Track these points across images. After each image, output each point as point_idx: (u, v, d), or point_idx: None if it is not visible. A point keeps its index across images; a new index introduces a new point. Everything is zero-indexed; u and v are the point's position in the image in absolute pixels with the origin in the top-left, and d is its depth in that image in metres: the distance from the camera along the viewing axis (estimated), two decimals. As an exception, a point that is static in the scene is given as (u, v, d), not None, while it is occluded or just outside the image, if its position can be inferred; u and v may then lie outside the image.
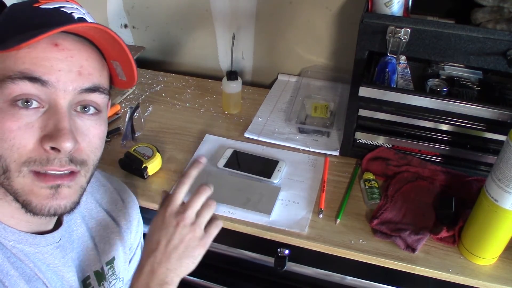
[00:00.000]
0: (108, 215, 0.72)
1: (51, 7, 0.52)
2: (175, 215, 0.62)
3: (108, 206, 0.72)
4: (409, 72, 0.97)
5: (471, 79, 0.97)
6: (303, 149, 1.04)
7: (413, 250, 0.78)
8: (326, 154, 1.02)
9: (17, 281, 0.53)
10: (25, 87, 0.48)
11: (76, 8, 0.54)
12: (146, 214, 0.89)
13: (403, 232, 0.80)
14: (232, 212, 0.86)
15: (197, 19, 1.31)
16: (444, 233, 0.80)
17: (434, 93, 0.91)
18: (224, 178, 0.94)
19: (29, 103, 0.49)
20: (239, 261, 0.96)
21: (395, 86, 0.92)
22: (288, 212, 0.87)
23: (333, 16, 1.18)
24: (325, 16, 1.19)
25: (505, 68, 0.78)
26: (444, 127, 0.90)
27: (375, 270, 0.82)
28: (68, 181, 0.53)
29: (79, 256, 0.64)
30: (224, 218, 0.85)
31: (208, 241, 0.64)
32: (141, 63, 1.44)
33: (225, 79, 1.13)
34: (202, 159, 0.67)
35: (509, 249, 0.78)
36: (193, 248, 0.62)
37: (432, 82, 0.94)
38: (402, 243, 0.79)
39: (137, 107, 1.08)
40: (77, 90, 0.52)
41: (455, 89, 0.93)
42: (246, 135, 1.08)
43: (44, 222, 0.59)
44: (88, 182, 0.57)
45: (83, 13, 0.55)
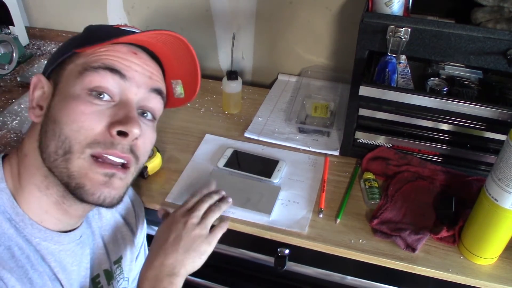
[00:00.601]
0: (118, 215, 0.73)
1: (127, 29, 0.61)
2: (184, 215, 0.68)
3: (122, 206, 0.74)
4: (409, 72, 0.97)
5: (471, 79, 0.97)
6: (303, 149, 1.04)
7: (413, 250, 0.78)
8: (326, 154, 1.02)
9: (37, 281, 0.55)
10: (105, 77, 0.54)
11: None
12: (146, 214, 0.89)
13: (403, 232, 0.80)
14: (232, 212, 0.86)
15: (197, 19, 1.31)
16: (444, 233, 0.80)
17: (434, 93, 0.91)
18: (224, 178, 0.94)
19: (102, 96, 0.55)
20: (239, 261, 0.96)
21: (395, 86, 0.92)
22: (288, 212, 0.87)
23: (333, 16, 1.19)
24: (325, 16, 1.19)
25: (505, 68, 0.78)
26: (444, 127, 0.90)
27: (375, 270, 0.82)
28: (121, 173, 0.56)
29: (91, 254, 0.66)
30: (224, 219, 0.85)
31: (213, 240, 0.68)
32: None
33: (225, 79, 1.13)
34: (229, 199, 0.76)
35: (509, 249, 0.78)
36: (199, 244, 0.66)
37: (432, 82, 0.94)
38: (402, 243, 0.79)
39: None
40: (147, 89, 0.59)
41: (455, 89, 0.93)
42: (246, 135, 1.08)
43: (73, 223, 0.61)
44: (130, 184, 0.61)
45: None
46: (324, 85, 1.25)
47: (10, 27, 1.33)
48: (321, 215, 0.86)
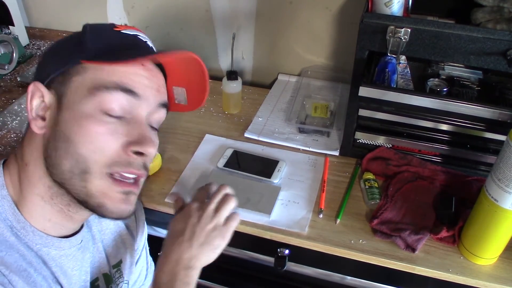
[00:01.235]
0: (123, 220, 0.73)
1: (131, 34, 0.59)
2: (198, 209, 0.68)
3: None
4: (409, 72, 0.97)
5: (471, 79, 0.97)
6: (303, 149, 1.04)
7: (413, 250, 0.78)
8: (326, 154, 1.02)
9: (41, 283, 0.55)
10: (118, 98, 0.54)
11: (146, 38, 0.62)
12: (146, 214, 0.89)
13: (403, 232, 0.80)
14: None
15: (197, 19, 1.31)
16: (444, 233, 0.80)
17: (434, 93, 0.91)
18: (224, 178, 0.94)
19: (114, 113, 0.55)
20: (239, 261, 0.96)
21: (395, 86, 0.92)
22: (288, 212, 0.87)
23: (333, 16, 1.19)
24: (325, 16, 1.19)
25: (505, 68, 0.78)
26: (444, 127, 0.90)
27: (375, 270, 0.82)
28: (136, 189, 0.58)
29: (91, 258, 0.66)
30: (224, 218, 0.86)
31: (227, 234, 0.68)
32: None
33: (225, 79, 1.13)
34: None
35: (509, 249, 0.78)
36: (213, 238, 0.66)
37: (432, 82, 0.94)
38: (402, 243, 0.79)
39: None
40: (156, 104, 0.59)
41: (455, 89, 0.93)
42: (246, 135, 1.08)
43: (75, 227, 0.61)
44: None
45: (151, 42, 0.63)
46: (324, 85, 1.25)
47: (10, 27, 1.33)
48: (321, 215, 0.86)
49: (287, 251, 0.87)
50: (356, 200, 0.90)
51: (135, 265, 0.78)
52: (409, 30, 0.79)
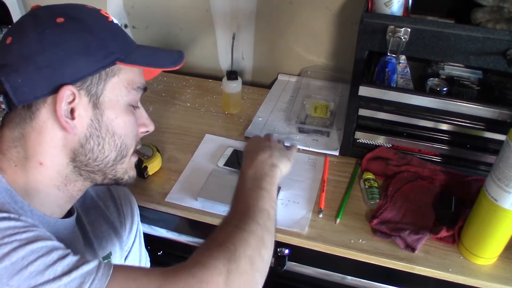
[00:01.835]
0: (105, 211, 0.74)
1: (115, 23, 0.63)
2: (265, 137, 0.79)
3: (105, 203, 0.75)
4: (409, 72, 0.97)
5: (471, 79, 0.97)
6: (303, 149, 1.04)
7: (413, 250, 0.78)
8: (326, 154, 1.02)
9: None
10: (140, 94, 0.64)
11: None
12: (146, 214, 0.89)
13: (403, 232, 0.80)
14: (232, 212, 0.86)
15: (197, 19, 1.31)
16: (444, 233, 0.80)
17: (434, 93, 0.91)
18: (224, 178, 0.94)
19: (136, 104, 0.64)
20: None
21: (395, 86, 0.92)
22: (288, 212, 0.87)
23: (333, 16, 1.19)
24: (325, 16, 1.19)
25: (505, 68, 0.78)
26: (444, 127, 0.90)
27: (375, 270, 0.82)
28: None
29: (81, 247, 0.66)
30: (224, 218, 0.85)
31: (292, 154, 0.78)
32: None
33: (225, 79, 1.13)
34: None
35: (509, 249, 0.78)
36: (286, 152, 0.77)
37: (432, 82, 0.94)
38: (402, 243, 0.79)
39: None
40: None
41: (455, 89, 0.93)
42: (246, 135, 1.08)
43: (68, 207, 0.64)
44: None
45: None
46: (324, 85, 1.25)
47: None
48: (321, 215, 0.86)
49: (287, 251, 0.87)
50: (356, 200, 0.90)
51: (125, 260, 0.79)
52: (409, 30, 0.80)
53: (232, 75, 1.12)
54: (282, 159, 0.74)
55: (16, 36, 0.55)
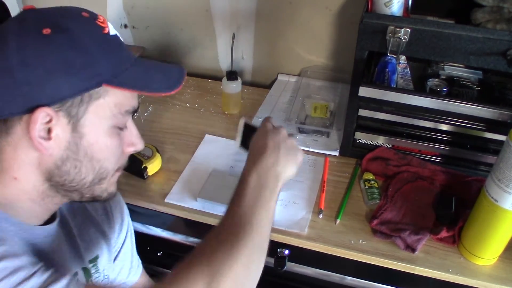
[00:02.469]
0: (91, 214, 0.73)
1: (113, 35, 0.57)
2: (274, 128, 0.73)
3: (93, 205, 0.74)
4: (409, 72, 0.97)
5: (471, 79, 0.97)
6: (303, 149, 1.03)
7: (413, 250, 0.78)
8: (326, 154, 1.02)
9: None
10: (130, 116, 0.60)
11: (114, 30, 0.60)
12: (146, 214, 0.89)
13: (403, 232, 0.80)
14: (232, 212, 0.86)
15: (197, 19, 1.31)
16: (444, 233, 0.80)
17: (434, 93, 0.91)
18: (224, 178, 0.94)
19: (123, 126, 0.60)
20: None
21: (395, 86, 0.92)
22: (288, 213, 0.87)
23: (333, 16, 1.18)
24: (325, 16, 1.19)
25: (505, 68, 0.77)
26: (444, 127, 0.90)
27: (375, 270, 0.82)
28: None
29: (65, 253, 0.65)
30: (224, 218, 0.85)
31: (301, 152, 0.73)
32: (141, 63, 1.44)
33: (225, 79, 1.13)
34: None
35: (509, 249, 0.78)
36: (295, 152, 0.72)
37: (432, 82, 0.94)
38: (402, 243, 0.79)
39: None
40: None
41: (455, 89, 0.93)
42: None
43: (46, 217, 0.62)
44: None
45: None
46: (324, 85, 1.25)
47: (10, 27, 1.33)
48: (321, 216, 0.86)
49: (287, 251, 0.87)
50: (356, 200, 0.90)
51: (114, 262, 0.78)
52: (409, 30, 0.79)
53: (232, 75, 1.12)
54: (288, 166, 0.70)
55: None
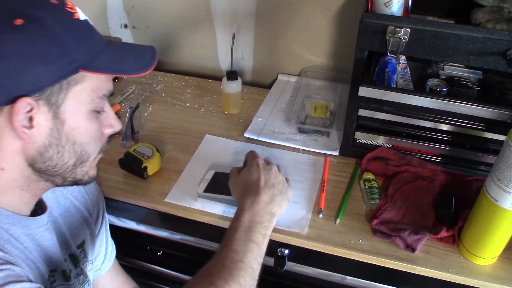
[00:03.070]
0: (74, 201, 0.75)
1: (83, 19, 0.60)
2: (265, 165, 0.78)
3: (72, 193, 0.75)
4: (409, 72, 0.97)
5: (471, 79, 0.97)
6: (303, 149, 1.04)
7: (413, 250, 0.78)
8: (326, 154, 1.02)
9: (16, 259, 0.56)
10: (106, 99, 0.61)
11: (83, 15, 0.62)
12: (146, 214, 0.89)
13: (403, 232, 0.80)
14: (232, 212, 0.86)
15: (197, 19, 1.31)
16: (444, 233, 0.80)
17: (434, 93, 0.91)
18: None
19: (101, 110, 0.61)
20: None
21: (395, 86, 0.92)
22: (288, 212, 0.86)
23: (333, 16, 1.19)
24: (325, 16, 1.19)
25: (505, 68, 0.78)
26: (444, 127, 0.90)
27: (375, 270, 0.82)
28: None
29: (55, 243, 0.66)
30: (224, 218, 0.85)
31: (289, 189, 0.79)
32: (141, 63, 1.44)
33: (225, 79, 1.13)
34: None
35: (509, 249, 0.78)
36: (286, 189, 0.77)
37: (432, 82, 0.94)
38: (402, 243, 0.79)
39: (137, 107, 1.08)
40: None
41: (455, 89, 0.93)
42: (246, 135, 1.08)
43: (33, 204, 0.63)
44: None
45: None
46: (324, 85, 1.25)
47: (10, 27, 1.33)
48: (321, 215, 0.86)
49: (287, 251, 0.87)
50: (356, 200, 0.90)
51: (94, 247, 0.80)
52: (409, 30, 0.79)
53: (232, 75, 1.12)
54: (282, 203, 0.74)
55: None
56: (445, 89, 0.92)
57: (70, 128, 0.56)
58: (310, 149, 1.03)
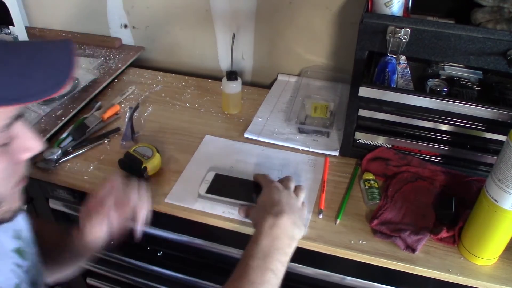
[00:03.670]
0: None
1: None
2: (283, 187, 0.77)
3: None
4: (409, 72, 0.97)
5: (471, 79, 0.97)
6: (303, 149, 1.03)
7: (413, 251, 0.78)
8: (326, 154, 1.02)
9: None
10: (12, 126, 0.48)
11: None
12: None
13: (403, 233, 0.80)
14: (232, 213, 0.86)
15: (197, 19, 1.31)
16: (444, 234, 0.80)
17: (434, 93, 0.91)
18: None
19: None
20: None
21: (395, 86, 0.92)
22: (288, 212, 0.86)
23: (333, 16, 1.18)
24: (325, 16, 1.19)
25: (505, 68, 0.77)
26: (444, 127, 0.90)
27: (375, 270, 0.82)
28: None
29: None
30: (224, 219, 0.85)
31: (306, 209, 0.80)
32: (141, 63, 1.44)
33: (225, 79, 1.13)
34: None
35: (509, 249, 0.78)
36: (303, 213, 0.77)
37: (432, 82, 0.94)
38: (402, 244, 0.79)
39: (137, 107, 1.08)
40: None
41: (455, 89, 0.93)
42: (246, 135, 1.08)
43: None
44: None
45: None
46: (324, 85, 1.25)
47: (10, 27, 1.33)
48: (321, 216, 0.86)
49: (287, 252, 0.87)
50: (356, 201, 0.90)
51: None
52: (409, 30, 0.79)
53: (232, 75, 1.12)
54: (302, 227, 0.71)
55: None
56: (445, 89, 0.92)
57: None
58: (310, 149, 1.03)
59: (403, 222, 0.84)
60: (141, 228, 0.74)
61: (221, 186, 0.90)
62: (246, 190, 0.88)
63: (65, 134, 1.06)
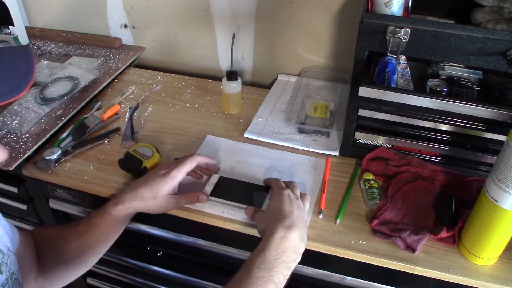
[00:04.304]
0: None
1: None
2: (292, 197, 0.78)
3: None
4: (409, 72, 0.97)
5: (471, 79, 0.97)
6: (303, 149, 1.03)
7: (413, 251, 0.78)
8: (326, 154, 1.02)
9: None
10: None
11: None
12: (146, 214, 0.89)
13: (403, 233, 0.80)
14: (231, 213, 0.86)
15: (197, 19, 1.31)
16: (444, 233, 0.80)
17: (434, 93, 0.91)
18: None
19: None
20: (239, 262, 0.95)
21: (395, 86, 0.92)
22: (288, 212, 0.86)
23: (333, 16, 1.18)
24: (325, 16, 1.19)
25: (505, 68, 0.77)
26: (444, 127, 0.90)
27: (375, 270, 0.82)
28: None
29: None
30: (224, 219, 0.85)
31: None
32: (141, 63, 1.44)
33: (225, 79, 1.13)
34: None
35: (509, 249, 0.78)
36: (305, 222, 0.77)
37: (432, 82, 0.94)
38: (402, 243, 0.79)
39: (137, 107, 1.08)
40: None
41: (455, 89, 0.93)
42: (246, 135, 1.08)
43: None
44: None
45: None
46: (324, 85, 1.25)
47: (10, 27, 1.33)
48: (321, 216, 0.86)
49: (287, 252, 0.87)
50: (356, 201, 0.90)
51: None
52: (409, 30, 0.79)
53: (232, 75, 1.12)
54: (306, 240, 0.73)
55: None
56: (445, 89, 0.92)
57: None
58: (310, 150, 1.03)
59: (403, 222, 0.84)
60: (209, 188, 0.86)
61: (225, 189, 0.90)
62: (251, 194, 0.88)
63: (65, 134, 1.06)
